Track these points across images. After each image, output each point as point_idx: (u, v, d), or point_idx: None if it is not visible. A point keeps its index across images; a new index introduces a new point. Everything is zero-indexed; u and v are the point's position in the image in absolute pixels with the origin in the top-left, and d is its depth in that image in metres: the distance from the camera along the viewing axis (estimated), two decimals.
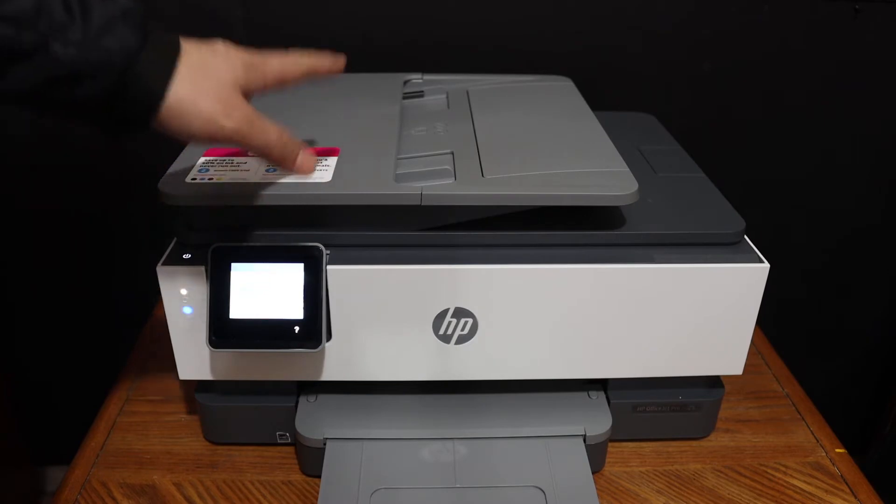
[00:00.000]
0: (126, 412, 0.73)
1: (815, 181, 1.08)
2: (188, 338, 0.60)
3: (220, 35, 0.47)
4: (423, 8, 0.94)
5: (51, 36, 0.39)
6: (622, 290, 0.59)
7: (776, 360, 0.82)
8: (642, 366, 0.63)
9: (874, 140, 1.05)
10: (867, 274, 1.18)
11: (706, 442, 0.70)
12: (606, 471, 0.66)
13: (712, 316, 0.61)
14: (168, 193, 0.57)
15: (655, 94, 0.99)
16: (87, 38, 0.39)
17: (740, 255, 0.60)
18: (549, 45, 0.96)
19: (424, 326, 0.60)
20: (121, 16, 0.41)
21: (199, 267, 0.57)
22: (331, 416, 0.64)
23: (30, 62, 0.39)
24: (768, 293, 0.60)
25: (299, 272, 0.57)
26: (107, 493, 0.63)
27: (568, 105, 0.76)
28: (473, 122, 0.70)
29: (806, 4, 0.95)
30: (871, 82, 1.01)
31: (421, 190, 0.56)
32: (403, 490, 0.59)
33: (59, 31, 0.39)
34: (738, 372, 0.64)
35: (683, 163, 0.74)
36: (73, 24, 0.39)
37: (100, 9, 0.40)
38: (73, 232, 1.08)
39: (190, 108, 0.43)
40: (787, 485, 0.66)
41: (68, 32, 0.39)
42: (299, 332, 0.57)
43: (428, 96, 0.81)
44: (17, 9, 0.37)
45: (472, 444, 0.63)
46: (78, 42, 0.39)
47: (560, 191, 0.57)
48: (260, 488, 0.64)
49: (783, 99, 1.01)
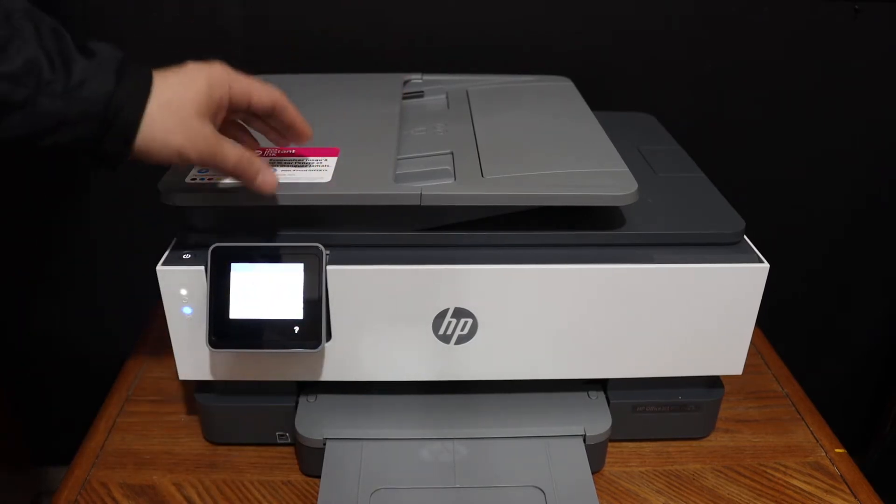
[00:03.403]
0: (126, 412, 0.73)
1: (815, 181, 1.08)
2: (188, 338, 0.60)
3: (221, 34, 0.47)
4: (424, 8, 0.94)
5: (39, 91, 0.45)
6: (622, 290, 0.59)
7: (776, 360, 0.82)
8: (642, 366, 0.63)
9: (874, 140, 1.05)
10: (867, 274, 1.18)
11: (706, 442, 0.70)
12: (606, 471, 0.66)
13: (712, 316, 0.61)
14: (168, 193, 0.57)
15: (655, 94, 0.99)
16: (68, 91, 0.45)
17: (740, 255, 0.60)
18: (549, 46, 0.96)
19: (424, 326, 0.60)
20: (97, 66, 0.47)
21: (199, 267, 0.57)
22: (330, 416, 0.64)
23: (22, 113, 0.45)
24: (768, 293, 0.60)
25: (299, 272, 0.57)
26: (107, 493, 0.63)
27: (568, 105, 0.76)
28: (473, 123, 0.70)
29: (806, 4, 0.95)
30: (871, 82, 1.01)
31: (420, 190, 0.56)
32: (403, 490, 0.59)
33: (45, 86, 0.45)
34: (738, 372, 0.64)
35: (683, 163, 0.74)
36: (56, 79, 0.45)
37: (80, 64, 0.46)
38: (73, 232, 1.08)
39: (159, 146, 0.49)
40: (787, 485, 0.66)
41: (53, 86, 0.45)
42: (299, 333, 0.57)
43: (428, 96, 0.81)
44: (12, 68, 0.44)
45: (472, 444, 0.63)
46: (60, 94, 0.45)
47: (560, 191, 0.57)
48: (260, 488, 0.64)
49: (783, 99, 1.01)
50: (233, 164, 0.52)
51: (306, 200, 0.56)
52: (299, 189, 0.57)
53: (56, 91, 0.45)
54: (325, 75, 0.81)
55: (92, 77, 0.46)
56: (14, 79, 0.44)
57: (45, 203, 1.06)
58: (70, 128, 0.46)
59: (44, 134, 0.46)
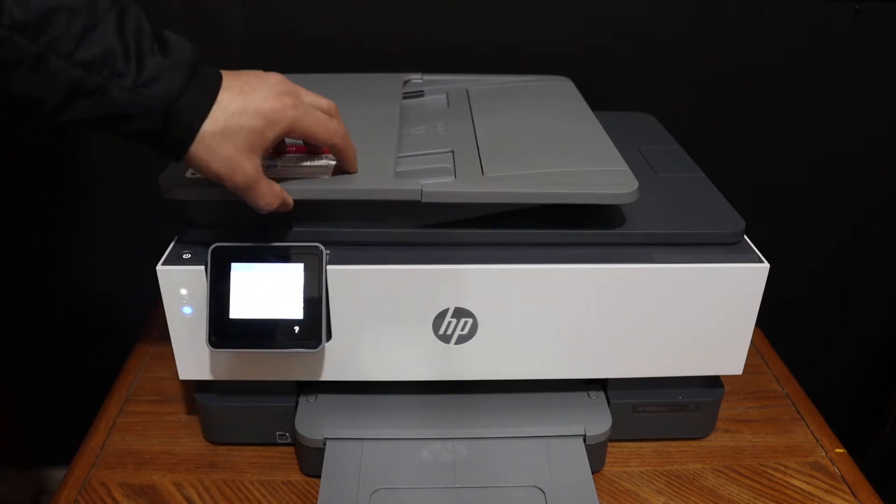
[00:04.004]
0: (126, 412, 0.73)
1: (815, 181, 1.08)
2: (188, 338, 0.60)
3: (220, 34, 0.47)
4: (424, 8, 0.94)
5: (111, 81, 0.46)
6: (622, 290, 0.59)
7: (776, 360, 0.82)
8: (642, 366, 0.63)
9: (874, 140, 1.05)
10: (867, 274, 1.18)
11: (706, 442, 0.70)
12: (606, 471, 0.66)
13: (712, 316, 0.61)
14: (168, 187, 0.57)
15: (655, 94, 0.99)
16: (137, 86, 0.47)
17: (740, 255, 0.60)
18: (549, 46, 0.96)
19: (424, 326, 0.60)
20: (170, 66, 0.48)
21: (199, 267, 0.57)
22: (331, 416, 0.64)
23: (91, 99, 0.46)
24: (768, 293, 0.60)
25: (299, 272, 0.57)
26: (107, 493, 0.63)
27: (568, 105, 0.76)
28: (473, 122, 0.70)
29: (806, 4, 0.95)
30: (871, 82, 1.01)
31: (421, 186, 0.56)
32: (403, 490, 0.59)
33: (117, 77, 0.46)
34: (738, 372, 0.64)
35: (684, 163, 0.74)
36: (128, 72, 0.46)
37: (153, 61, 0.47)
38: (73, 232, 1.08)
39: (203, 165, 0.51)
40: (787, 485, 0.66)
41: (124, 80, 0.46)
42: (299, 332, 0.57)
43: (428, 96, 0.81)
44: (89, 56, 0.45)
45: (472, 444, 0.63)
46: (129, 88, 0.47)
47: (560, 189, 0.57)
48: (260, 488, 0.64)
49: (783, 99, 1.01)
50: (260, 207, 0.53)
51: (307, 195, 0.56)
52: (300, 184, 0.57)
53: (126, 84, 0.46)
54: (324, 75, 0.81)
55: (162, 76, 0.47)
56: (90, 67, 0.45)
57: (45, 203, 1.06)
58: (134, 120, 0.48)
59: (110, 121, 0.48)
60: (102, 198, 1.05)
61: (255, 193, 0.52)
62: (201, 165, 0.51)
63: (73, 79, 0.45)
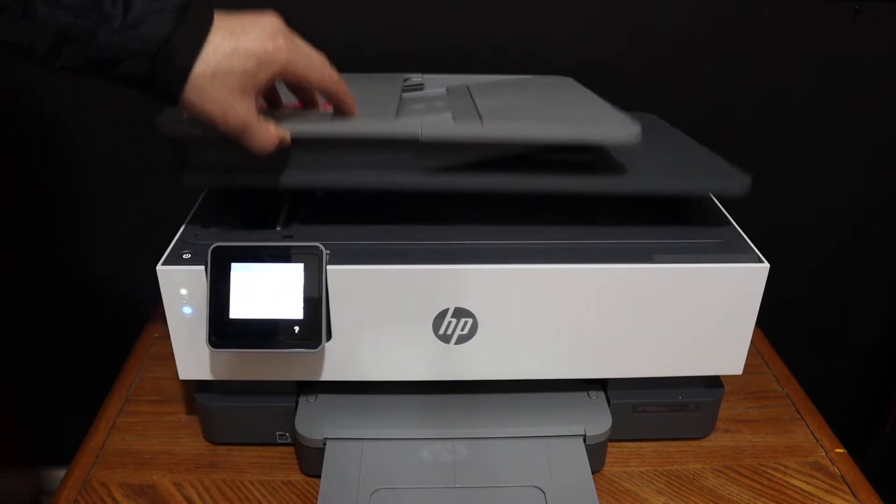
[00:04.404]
0: (126, 412, 0.73)
1: (815, 181, 1.08)
2: (188, 338, 0.60)
3: None
4: (424, 8, 0.94)
5: (98, 25, 0.47)
6: (622, 290, 0.59)
7: (776, 360, 0.82)
8: (642, 366, 0.63)
9: (874, 140, 1.05)
10: (867, 274, 1.18)
11: (706, 442, 0.70)
12: (606, 471, 0.66)
13: (712, 316, 0.61)
14: (163, 124, 0.57)
15: (655, 94, 0.99)
16: (125, 28, 0.47)
17: (740, 255, 0.60)
18: (549, 46, 0.96)
19: (424, 326, 0.60)
20: (157, 10, 0.48)
21: (199, 267, 0.57)
22: (330, 416, 0.64)
23: (80, 44, 0.47)
24: (768, 293, 0.60)
25: (299, 272, 0.57)
26: (107, 493, 0.63)
27: (573, 89, 0.76)
28: (474, 100, 0.70)
29: (806, 4, 0.95)
30: (871, 82, 1.01)
31: (420, 125, 0.56)
32: (403, 490, 0.59)
33: (104, 20, 0.47)
34: (738, 372, 0.64)
35: (690, 145, 0.74)
36: (115, 15, 0.47)
37: (140, 3, 0.47)
38: (73, 232, 1.08)
39: (196, 108, 0.51)
40: (787, 485, 0.66)
41: (111, 22, 0.47)
42: (299, 332, 0.57)
43: (428, 89, 0.80)
44: (76, 1, 0.46)
45: (472, 444, 0.63)
46: (117, 30, 0.47)
47: (561, 131, 0.57)
48: (260, 488, 0.64)
49: (783, 99, 1.01)
50: (257, 149, 0.53)
51: (305, 134, 0.56)
52: (298, 123, 0.56)
53: (113, 27, 0.47)
54: None
55: (150, 18, 0.47)
56: (77, 11, 0.46)
57: (45, 202, 1.06)
58: (123, 63, 0.48)
59: (100, 66, 0.48)
60: (103, 198, 1.05)
61: (250, 135, 0.52)
62: (194, 108, 0.50)
63: (60, 24, 0.46)
